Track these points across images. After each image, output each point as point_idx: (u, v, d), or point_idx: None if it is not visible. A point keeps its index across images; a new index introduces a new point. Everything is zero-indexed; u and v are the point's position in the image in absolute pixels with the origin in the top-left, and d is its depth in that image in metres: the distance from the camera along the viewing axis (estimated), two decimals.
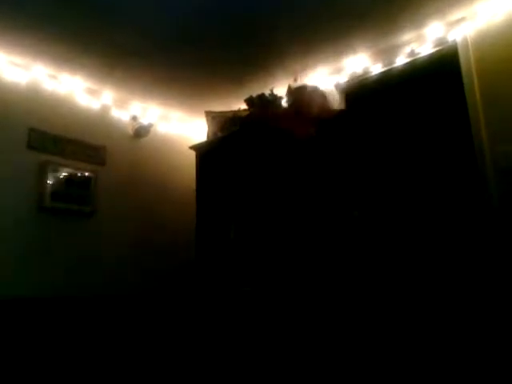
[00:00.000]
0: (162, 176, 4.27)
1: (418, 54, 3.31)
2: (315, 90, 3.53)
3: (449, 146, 3.05)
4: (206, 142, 3.87)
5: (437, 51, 3.24)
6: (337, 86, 3.74)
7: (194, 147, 3.91)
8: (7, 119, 3.39)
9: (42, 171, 3.52)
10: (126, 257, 3.89)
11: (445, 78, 3.17)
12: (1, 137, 3.34)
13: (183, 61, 3.58)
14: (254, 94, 3.62)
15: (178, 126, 4.55)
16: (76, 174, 3.71)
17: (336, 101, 3.69)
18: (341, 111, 3.51)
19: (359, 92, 3.64)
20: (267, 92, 3.61)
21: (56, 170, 3.60)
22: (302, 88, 3.53)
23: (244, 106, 3.70)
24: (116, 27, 3.16)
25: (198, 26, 3.19)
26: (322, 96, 3.51)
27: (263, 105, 3.52)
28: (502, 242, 2.69)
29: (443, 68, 3.19)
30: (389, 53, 3.43)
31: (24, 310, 3.10)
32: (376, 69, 3.52)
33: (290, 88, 3.56)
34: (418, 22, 3.17)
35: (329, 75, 3.74)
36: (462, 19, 3.10)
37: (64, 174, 3.64)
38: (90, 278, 3.61)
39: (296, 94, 3.49)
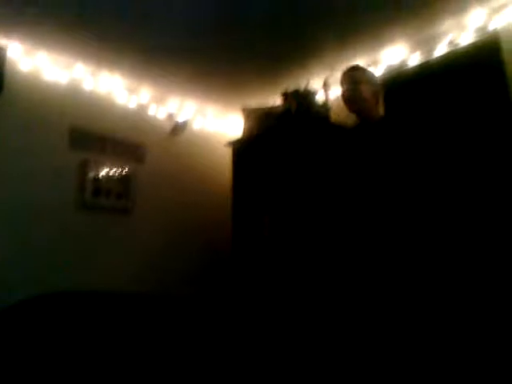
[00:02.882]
0: (197, 173, 4.30)
1: (458, 43, 3.19)
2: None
3: (491, 139, 2.94)
4: (242, 138, 3.87)
5: (478, 40, 3.10)
6: None
7: (230, 143, 3.93)
8: (49, 119, 3.49)
9: (83, 169, 3.61)
10: (161, 253, 3.92)
11: (486, 68, 3.04)
12: (43, 136, 3.45)
13: (220, 56, 3.59)
14: (290, 89, 3.59)
15: (214, 121, 4.57)
16: (115, 172, 3.80)
17: None
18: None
19: (397, 84, 3.53)
20: (303, 86, 3.58)
21: (96, 168, 3.70)
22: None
23: (280, 101, 3.68)
24: (153, 25, 3.20)
25: (233, 22, 3.19)
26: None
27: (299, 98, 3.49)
28: None
29: (484, 58, 3.06)
30: (427, 43, 3.31)
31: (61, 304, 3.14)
32: (414, 60, 3.42)
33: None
34: (458, 9, 3.05)
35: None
36: (504, 5, 2.97)
37: (104, 171, 3.74)
38: (124, 274, 3.64)
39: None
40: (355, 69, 2.90)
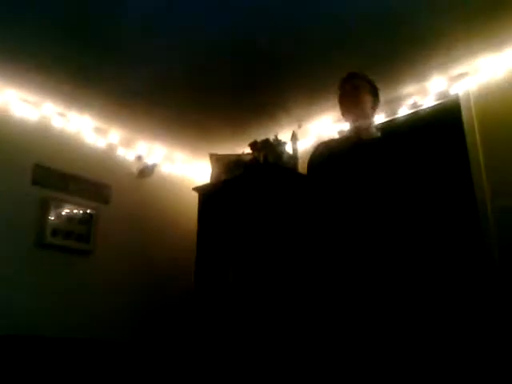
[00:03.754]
0: (163, 216, 4.27)
1: (421, 106, 3.37)
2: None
3: (450, 199, 3.06)
4: (209, 184, 3.88)
5: (439, 104, 3.29)
6: (340, 134, 3.77)
7: (197, 189, 3.93)
8: (14, 155, 3.44)
9: (44, 207, 3.53)
10: (123, 297, 3.83)
11: (447, 130, 3.21)
12: (6, 172, 3.39)
13: (190, 103, 3.68)
14: (259, 139, 3.67)
15: (182, 167, 4.59)
16: (78, 211, 3.72)
17: None
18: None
19: None
20: (271, 137, 3.66)
21: (58, 206, 3.61)
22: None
23: (248, 150, 3.75)
24: (125, 68, 3.27)
25: (204, 72, 3.30)
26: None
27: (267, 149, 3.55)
28: (503, 295, 2.66)
29: (445, 120, 3.24)
30: (392, 104, 3.49)
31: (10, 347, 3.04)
32: (379, 119, 3.56)
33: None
34: (420, 75, 3.25)
35: (333, 123, 3.79)
36: (465, 74, 3.17)
37: (66, 210, 3.66)
38: (84, 319, 3.54)
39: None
40: (359, 76, 2.69)
